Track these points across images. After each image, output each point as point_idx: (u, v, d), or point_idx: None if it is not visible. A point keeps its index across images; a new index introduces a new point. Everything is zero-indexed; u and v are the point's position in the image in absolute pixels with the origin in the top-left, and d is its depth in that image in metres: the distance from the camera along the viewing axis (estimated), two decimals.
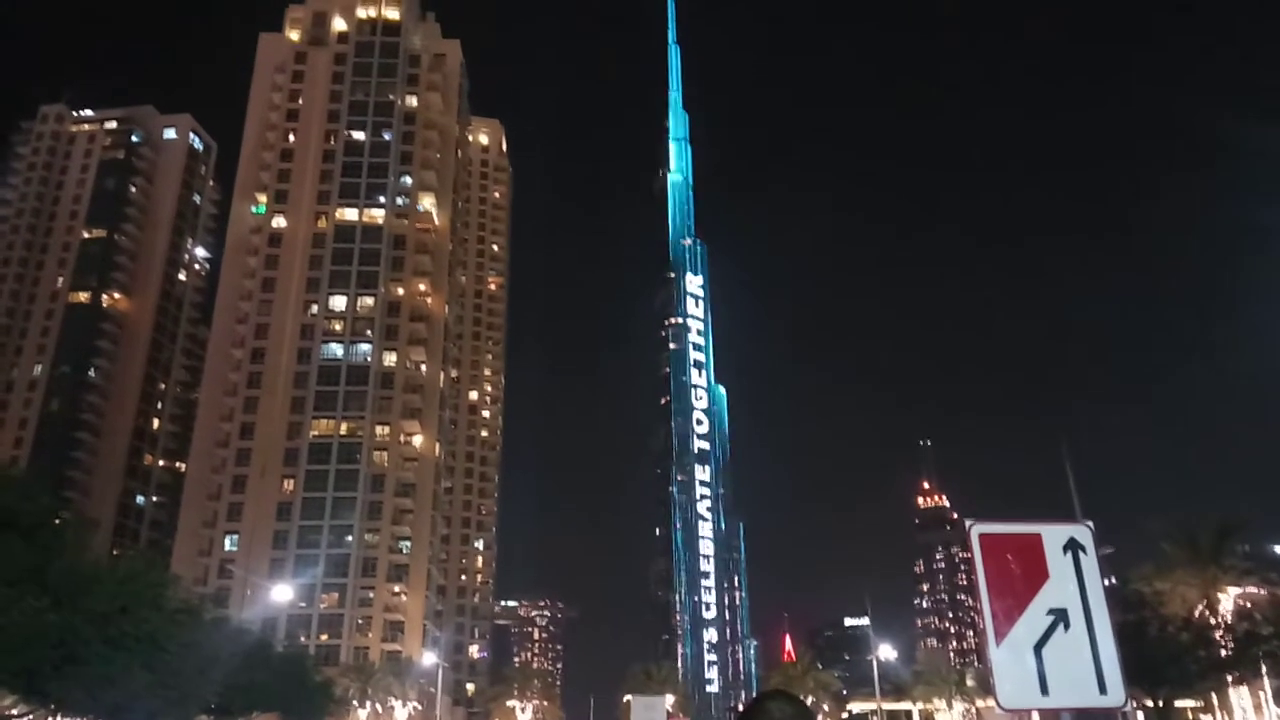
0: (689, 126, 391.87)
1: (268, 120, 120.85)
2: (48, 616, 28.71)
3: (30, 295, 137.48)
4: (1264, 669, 40.28)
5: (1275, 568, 44.05)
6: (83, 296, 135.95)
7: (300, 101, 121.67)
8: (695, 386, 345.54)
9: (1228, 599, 43.36)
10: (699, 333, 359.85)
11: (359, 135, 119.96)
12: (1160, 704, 39.78)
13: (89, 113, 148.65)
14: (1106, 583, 5.31)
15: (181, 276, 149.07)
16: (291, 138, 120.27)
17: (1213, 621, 41.32)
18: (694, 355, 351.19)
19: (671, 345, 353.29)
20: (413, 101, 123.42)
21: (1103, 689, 4.82)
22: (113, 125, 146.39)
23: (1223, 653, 39.99)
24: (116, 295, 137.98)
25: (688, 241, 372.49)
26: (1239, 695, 44.21)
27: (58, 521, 35.39)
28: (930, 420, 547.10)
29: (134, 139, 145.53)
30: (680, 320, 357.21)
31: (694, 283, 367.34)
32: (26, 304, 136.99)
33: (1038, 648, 4.86)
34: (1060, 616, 4.92)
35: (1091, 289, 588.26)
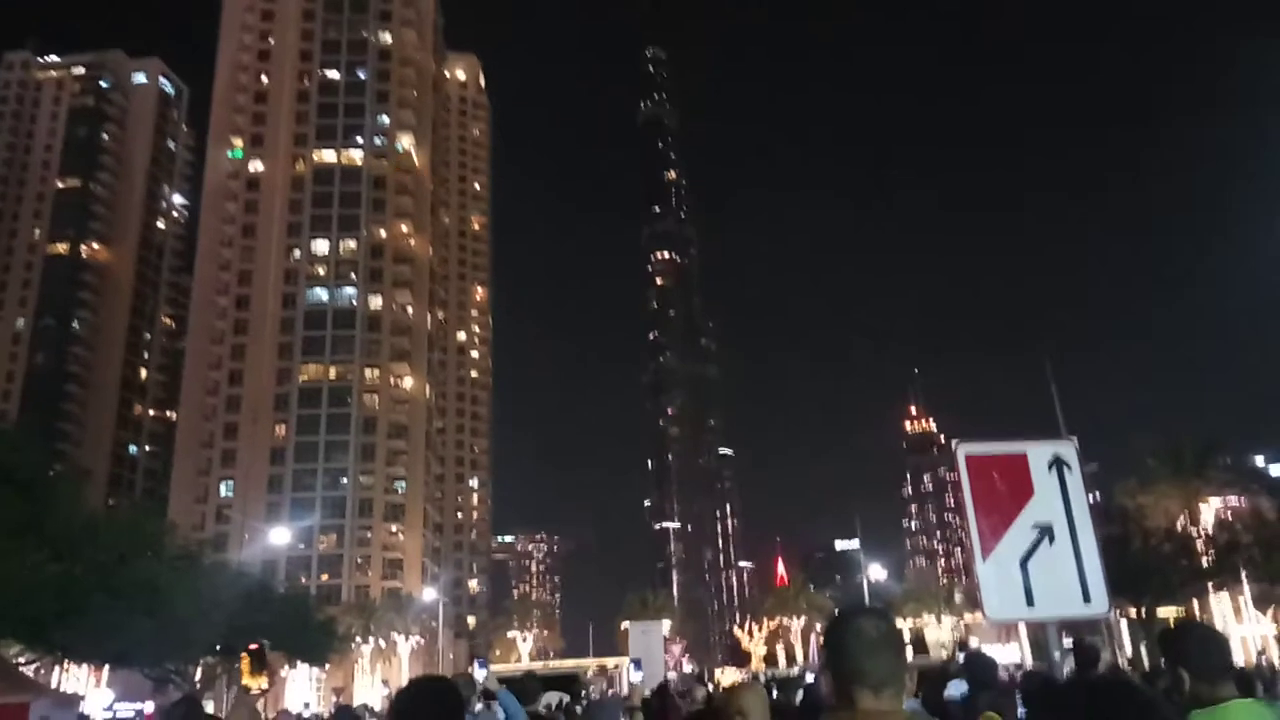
0: (675, 59, 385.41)
1: (239, 61, 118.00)
2: (48, 568, 28.97)
3: (8, 248, 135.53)
4: (1244, 575, 41.29)
5: (1256, 479, 44.87)
6: (61, 248, 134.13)
7: (271, 41, 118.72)
8: (684, 318, 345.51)
9: (1209, 510, 44.26)
10: (686, 266, 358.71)
11: (333, 74, 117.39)
12: (1143, 612, 40.81)
13: (55, 59, 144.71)
14: (1091, 498, 5.39)
15: (160, 224, 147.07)
16: (264, 79, 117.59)
17: (1194, 532, 42.23)
18: (682, 288, 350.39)
19: (659, 280, 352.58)
20: (387, 38, 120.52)
21: (1087, 599, 4.88)
22: (81, 71, 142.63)
23: (1204, 562, 40.93)
24: (95, 245, 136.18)
25: (672, 175, 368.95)
26: (1219, 602, 45.38)
27: (52, 474, 35.44)
28: (917, 347, 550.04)
29: (103, 85, 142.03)
30: (667, 254, 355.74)
31: (681, 217, 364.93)
32: (4, 257, 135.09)
33: (1024, 561, 4.90)
34: (1045, 531, 4.95)
35: (1076, 222, 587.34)
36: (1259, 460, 48.34)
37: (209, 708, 13.23)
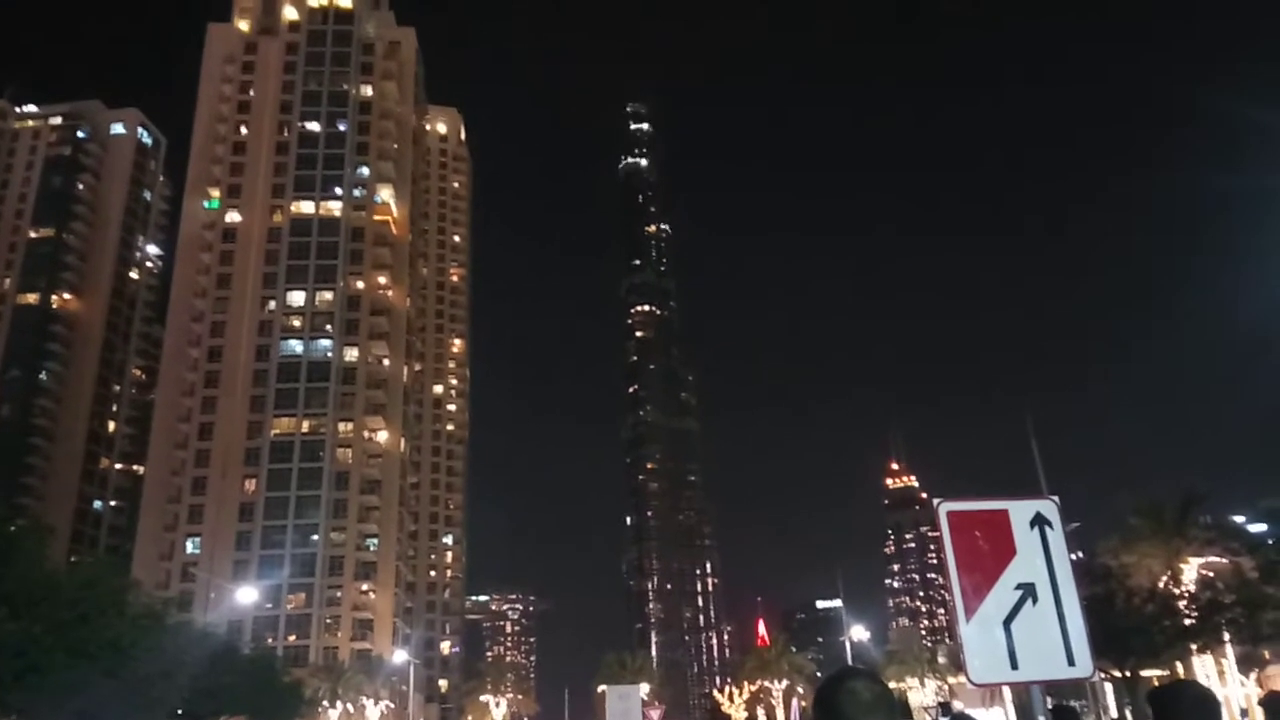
0: (656, 112, 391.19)
1: (218, 113, 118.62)
2: (6, 626, 28.05)
3: None
4: (1226, 636, 40.94)
5: (1236, 537, 44.73)
6: (31, 298, 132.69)
7: (251, 93, 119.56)
8: (664, 371, 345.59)
9: (1191, 569, 44.02)
10: (666, 319, 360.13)
11: (313, 126, 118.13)
12: (1127, 674, 40.32)
13: (33, 108, 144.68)
14: (1074, 557, 5.33)
15: (133, 275, 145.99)
16: (243, 130, 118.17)
17: (1177, 592, 41.93)
18: (662, 341, 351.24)
19: (638, 333, 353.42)
20: (368, 91, 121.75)
21: (1071, 661, 4.86)
22: (58, 121, 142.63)
23: (1187, 622, 40.60)
24: (66, 296, 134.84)
25: (653, 228, 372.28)
26: (1203, 663, 44.94)
27: (13, 529, 34.52)
28: (897, 402, 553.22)
29: (80, 135, 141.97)
30: (647, 307, 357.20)
31: (661, 270, 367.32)
32: None
33: (1006, 623, 4.87)
34: (1028, 591, 4.94)
35: (1053, 274, 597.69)
36: (1239, 518, 48.35)
37: None
